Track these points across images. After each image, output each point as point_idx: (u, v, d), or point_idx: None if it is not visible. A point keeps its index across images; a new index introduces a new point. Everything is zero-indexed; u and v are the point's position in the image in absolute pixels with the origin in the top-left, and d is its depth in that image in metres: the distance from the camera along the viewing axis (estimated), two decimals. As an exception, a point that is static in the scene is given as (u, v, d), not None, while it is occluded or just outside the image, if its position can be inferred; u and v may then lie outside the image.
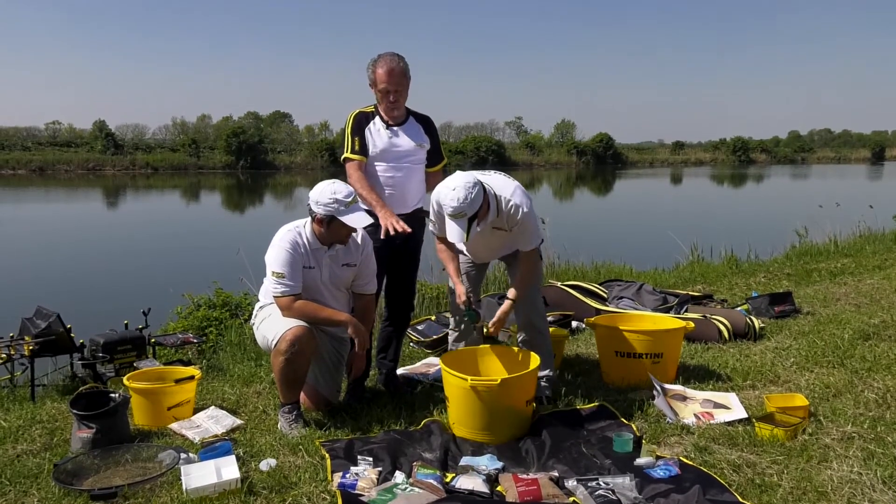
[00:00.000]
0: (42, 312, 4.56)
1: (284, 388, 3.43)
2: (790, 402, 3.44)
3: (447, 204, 3.39)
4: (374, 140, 3.76)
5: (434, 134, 3.98)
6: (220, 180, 42.19)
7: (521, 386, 3.34)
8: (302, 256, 3.47)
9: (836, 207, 11.77)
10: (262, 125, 67.75)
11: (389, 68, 3.69)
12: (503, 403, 3.28)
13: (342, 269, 3.60)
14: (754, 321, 5.14)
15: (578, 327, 5.49)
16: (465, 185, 3.37)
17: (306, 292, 3.50)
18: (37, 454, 3.21)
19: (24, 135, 57.62)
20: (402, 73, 3.74)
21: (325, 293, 3.58)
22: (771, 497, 2.66)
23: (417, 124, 3.90)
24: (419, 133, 3.88)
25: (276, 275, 3.41)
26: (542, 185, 38.05)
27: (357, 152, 3.73)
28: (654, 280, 7.48)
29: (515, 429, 3.35)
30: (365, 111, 3.83)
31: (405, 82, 3.76)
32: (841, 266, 8.29)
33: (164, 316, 6.27)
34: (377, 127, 3.78)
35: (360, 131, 3.76)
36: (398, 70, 3.71)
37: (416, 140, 3.85)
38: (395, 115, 3.81)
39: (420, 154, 3.88)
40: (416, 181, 3.88)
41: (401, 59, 3.75)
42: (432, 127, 3.98)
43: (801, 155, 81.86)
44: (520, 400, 3.35)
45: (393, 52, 3.76)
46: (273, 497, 2.71)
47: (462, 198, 3.34)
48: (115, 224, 21.95)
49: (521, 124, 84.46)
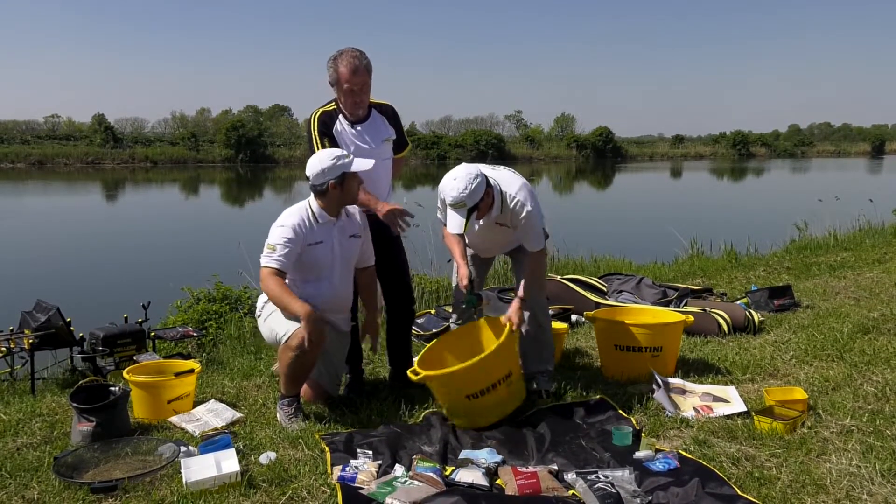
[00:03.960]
0: (42, 306, 4.56)
1: (288, 381, 3.44)
2: (789, 396, 3.45)
3: (448, 194, 3.42)
4: (342, 141, 3.69)
5: (398, 122, 3.90)
6: (219, 174, 42.15)
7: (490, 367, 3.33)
8: (305, 235, 3.47)
9: (835, 201, 11.78)
10: (261, 119, 67.51)
11: (353, 67, 3.57)
12: (478, 386, 3.30)
13: (350, 241, 3.61)
14: (754, 315, 5.14)
15: (578, 321, 5.49)
16: (466, 176, 3.39)
17: (317, 270, 3.51)
18: (37, 447, 3.21)
19: (24, 128, 57.60)
20: (366, 71, 3.63)
21: (336, 272, 3.57)
22: (770, 490, 2.66)
23: (380, 116, 3.82)
24: (384, 127, 3.81)
25: (269, 247, 3.42)
26: (542, 178, 37.98)
27: None
28: (653, 274, 7.49)
29: (507, 405, 3.40)
30: (327, 110, 3.74)
31: (367, 78, 3.65)
32: (840, 260, 8.30)
33: (163, 309, 6.28)
34: (342, 127, 3.71)
35: (328, 132, 3.68)
36: (362, 68, 3.60)
37: (382, 135, 3.79)
38: (359, 114, 3.73)
39: (386, 148, 3.83)
40: (385, 174, 3.84)
41: (363, 56, 3.63)
42: (395, 115, 3.89)
43: (801, 149, 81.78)
44: (495, 377, 3.34)
45: (354, 49, 3.64)
46: (273, 490, 2.72)
47: (462, 188, 3.37)
48: (115, 218, 21.95)
49: (520, 118, 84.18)
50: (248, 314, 5.99)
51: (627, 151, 69.71)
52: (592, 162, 60.22)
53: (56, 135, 54.65)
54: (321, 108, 3.77)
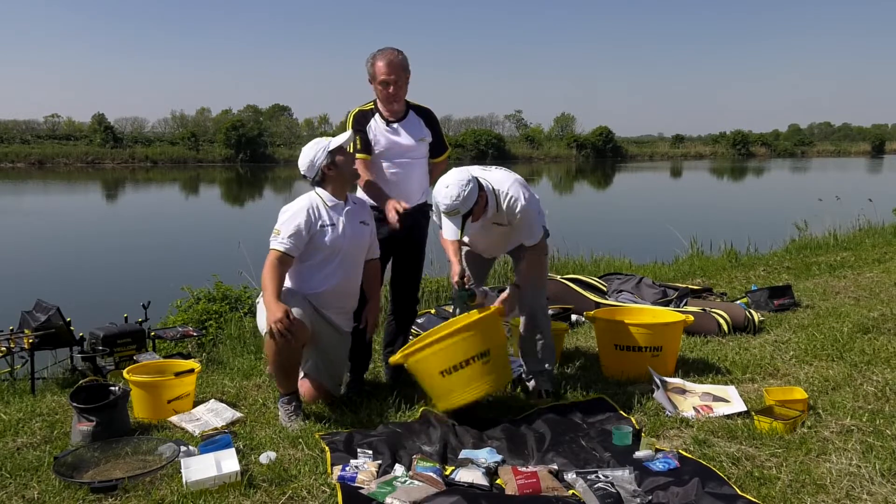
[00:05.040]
0: (42, 305, 4.56)
1: (279, 376, 3.45)
2: (789, 396, 3.45)
3: (441, 202, 3.41)
4: (375, 138, 3.76)
5: (436, 125, 3.98)
6: (219, 173, 42.16)
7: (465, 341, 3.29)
8: (315, 219, 3.49)
9: (835, 201, 11.78)
10: (261, 118, 67.57)
11: (388, 60, 3.70)
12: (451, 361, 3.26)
13: (360, 227, 3.63)
14: (754, 314, 5.14)
15: (578, 321, 5.49)
16: (458, 183, 3.38)
17: (328, 254, 3.51)
18: (37, 447, 3.21)
19: (23, 128, 57.61)
20: (402, 66, 3.74)
21: (347, 259, 3.57)
22: (770, 490, 2.66)
23: (418, 118, 3.89)
24: (420, 127, 3.87)
25: (276, 231, 3.44)
26: (542, 178, 38.00)
27: (361, 151, 3.73)
28: (653, 273, 7.48)
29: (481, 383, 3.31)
30: (364, 109, 3.83)
31: (404, 75, 3.76)
32: (840, 259, 8.29)
33: (163, 309, 6.27)
34: (377, 125, 3.78)
35: (360, 129, 3.76)
36: (397, 62, 3.72)
37: (417, 135, 3.84)
38: (395, 110, 3.79)
39: (422, 149, 3.88)
40: (417, 176, 3.88)
41: (400, 53, 3.76)
42: (433, 119, 3.97)
43: (801, 148, 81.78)
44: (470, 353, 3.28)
45: (392, 47, 3.77)
46: (273, 490, 2.72)
47: (455, 195, 3.36)
48: (115, 217, 21.95)
49: (520, 118, 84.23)
50: (249, 314, 5.99)
51: (627, 151, 69.70)
52: (592, 162, 60.22)
53: (56, 134, 54.68)
54: (359, 107, 3.85)
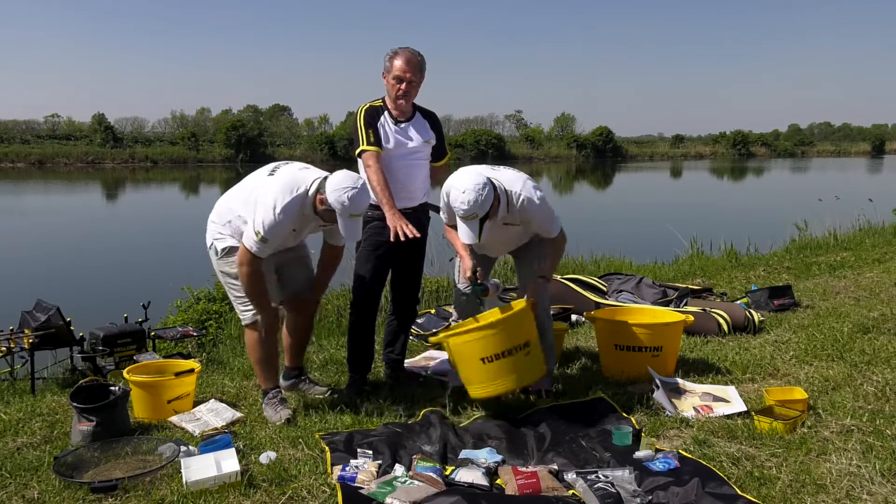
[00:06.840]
0: (42, 305, 4.56)
1: (261, 369, 3.59)
2: (789, 396, 3.45)
3: (458, 207, 3.37)
4: (385, 135, 3.79)
5: (439, 129, 4.03)
6: (219, 173, 42.11)
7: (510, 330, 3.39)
8: (294, 222, 3.37)
9: (835, 201, 11.77)
10: (261, 118, 67.62)
11: (408, 58, 3.75)
12: (495, 349, 3.34)
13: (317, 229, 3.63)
14: (754, 314, 5.14)
15: (578, 321, 5.49)
16: (475, 187, 3.33)
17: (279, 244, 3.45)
18: (37, 447, 3.21)
19: (24, 128, 57.65)
20: (419, 67, 3.79)
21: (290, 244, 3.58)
22: (770, 490, 2.66)
23: (424, 120, 3.93)
24: (426, 129, 3.92)
25: (259, 236, 3.27)
26: (542, 178, 37.98)
27: (373, 144, 3.75)
28: (653, 273, 7.48)
29: (523, 374, 3.42)
30: (374, 105, 3.85)
31: (419, 76, 3.80)
32: (840, 259, 8.29)
33: (163, 309, 6.28)
34: (386, 122, 3.81)
35: (373, 124, 3.78)
36: (415, 62, 3.77)
37: (424, 136, 3.88)
38: (403, 108, 3.82)
39: (426, 150, 3.92)
40: (421, 176, 3.92)
41: (420, 55, 3.81)
42: (437, 122, 4.03)
43: (801, 148, 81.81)
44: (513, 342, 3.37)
45: (413, 48, 3.82)
46: (273, 490, 2.72)
47: (472, 200, 3.32)
48: (115, 217, 21.95)
49: (520, 118, 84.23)
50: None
51: (627, 151, 69.71)
52: (592, 162, 60.21)
53: (56, 134, 54.70)
54: (368, 103, 3.87)
